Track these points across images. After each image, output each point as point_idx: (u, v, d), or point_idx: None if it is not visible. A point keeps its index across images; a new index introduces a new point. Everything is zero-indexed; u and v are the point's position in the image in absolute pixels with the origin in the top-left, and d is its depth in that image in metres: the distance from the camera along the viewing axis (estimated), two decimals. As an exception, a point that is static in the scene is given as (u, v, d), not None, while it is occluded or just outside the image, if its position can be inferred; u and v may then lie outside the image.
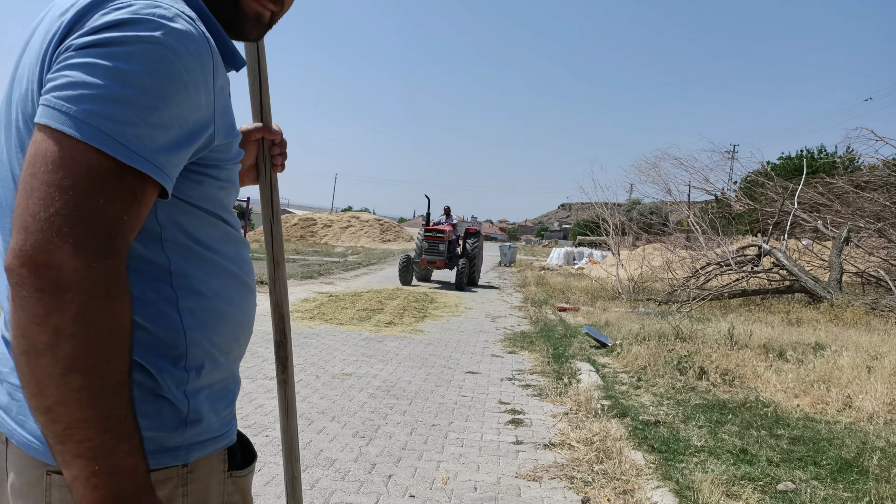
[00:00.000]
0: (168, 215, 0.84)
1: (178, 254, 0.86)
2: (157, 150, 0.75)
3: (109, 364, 0.70)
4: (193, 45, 0.78)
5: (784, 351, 6.70)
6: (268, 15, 0.97)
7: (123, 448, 0.71)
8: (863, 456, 3.75)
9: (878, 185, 13.97)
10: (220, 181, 0.90)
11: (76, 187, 0.69)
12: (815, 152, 37.28)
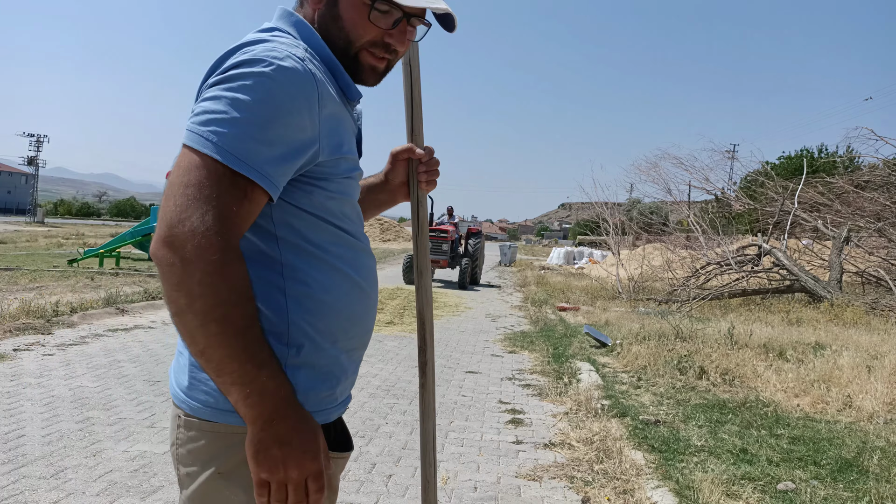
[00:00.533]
0: (282, 218, 1.04)
1: (289, 250, 1.05)
2: (263, 161, 0.95)
3: (234, 313, 0.90)
4: (297, 80, 0.97)
5: (784, 351, 6.70)
6: (382, 66, 1.15)
7: (265, 373, 0.92)
8: (863, 455, 3.75)
9: (878, 185, 13.97)
10: (329, 192, 1.07)
11: (198, 186, 0.91)
12: (815, 152, 37.27)
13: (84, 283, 11.16)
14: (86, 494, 2.92)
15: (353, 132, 1.14)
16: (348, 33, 1.10)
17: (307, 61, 1.01)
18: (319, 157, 1.03)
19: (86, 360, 5.53)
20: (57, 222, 58.89)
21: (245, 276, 0.93)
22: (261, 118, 0.94)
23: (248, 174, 0.93)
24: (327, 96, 1.03)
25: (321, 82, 1.02)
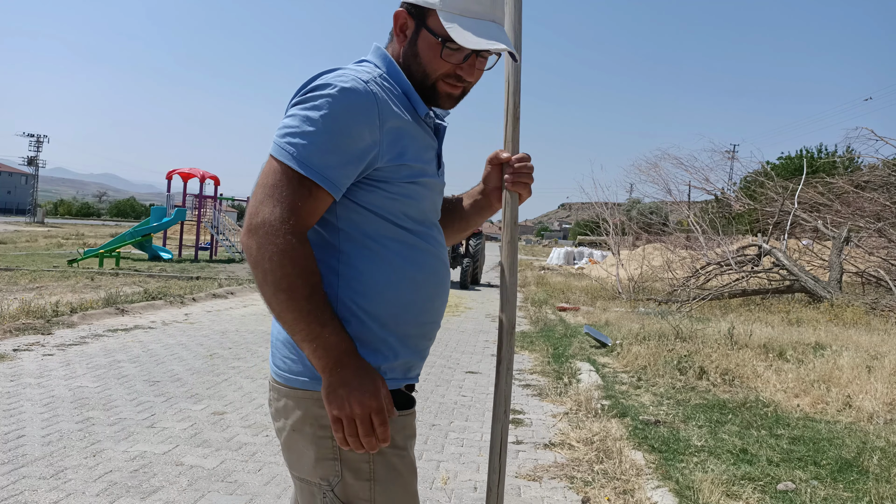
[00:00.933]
0: (344, 213, 1.24)
1: (347, 240, 1.25)
2: (325, 167, 1.16)
3: (299, 283, 1.13)
4: (358, 98, 1.19)
5: (784, 351, 6.69)
6: (457, 92, 1.33)
7: (327, 330, 1.14)
8: (863, 456, 3.75)
9: (878, 185, 13.96)
10: (390, 193, 1.25)
11: (273, 186, 1.15)
12: (815, 152, 37.25)
13: (84, 283, 11.16)
14: (86, 494, 2.92)
15: (425, 145, 1.32)
16: (425, 67, 1.29)
17: (371, 83, 1.22)
18: (378, 163, 1.22)
19: (86, 361, 5.53)
20: (57, 222, 58.89)
21: (308, 255, 1.15)
22: (325, 131, 1.16)
23: (313, 177, 1.15)
24: (389, 112, 1.23)
25: (382, 100, 1.22)
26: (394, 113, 1.24)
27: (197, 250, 19.65)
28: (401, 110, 1.26)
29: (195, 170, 20.76)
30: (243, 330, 7.60)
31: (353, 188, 1.23)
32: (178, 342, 6.62)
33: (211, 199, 20.86)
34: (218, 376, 5.28)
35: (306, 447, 1.25)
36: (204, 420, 4.12)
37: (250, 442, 3.78)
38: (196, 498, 2.97)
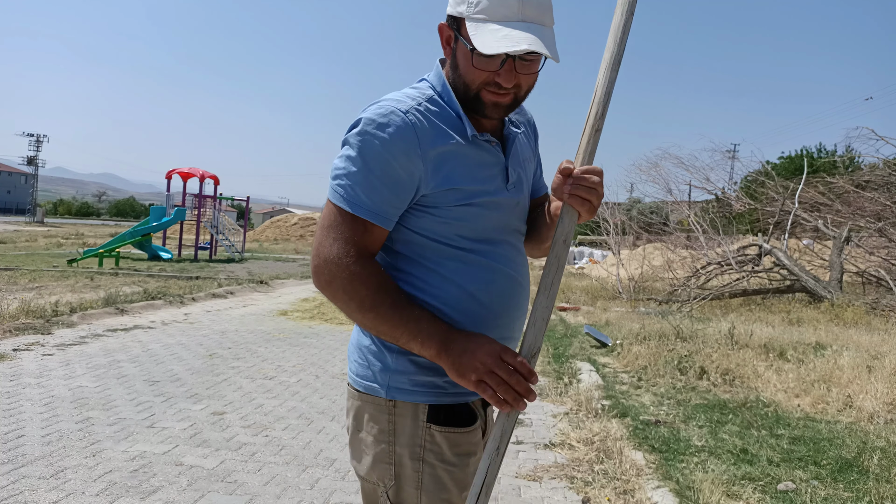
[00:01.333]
0: (399, 237, 1.30)
1: (404, 261, 1.31)
2: (372, 203, 1.23)
3: (378, 299, 1.21)
4: (396, 133, 1.22)
5: (784, 351, 6.69)
6: (506, 100, 1.27)
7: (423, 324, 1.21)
8: (863, 456, 3.74)
9: (878, 185, 13.95)
10: (440, 218, 1.28)
11: (330, 226, 1.25)
12: (815, 152, 37.25)
13: (83, 283, 11.15)
14: (85, 494, 2.92)
15: (481, 163, 1.30)
16: (464, 78, 1.27)
17: (412, 112, 1.25)
18: (424, 190, 1.25)
19: (85, 360, 5.53)
20: (56, 222, 58.90)
21: (375, 272, 1.23)
22: (368, 170, 1.22)
23: (363, 216, 1.23)
24: (431, 139, 1.25)
25: (423, 129, 1.24)
26: (437, 139, 1.26)
27: (196, 250, 19.65)
28: (448, 134, 1.27)
29: (195, 169, 20.75)
30: (243, 330, 7.60)
31: (405, 214, 1.28)
32: (177, 342, 6.62)
33: (210, 199, 20.85)
34: (217, 376, 5.28)
35: (367, 448, 1.31)
36: (203, 420, 4.12)
37: (250, 442, 3.77)
38: (196, 498, 2.97)
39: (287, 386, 5.11)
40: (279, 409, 4.47)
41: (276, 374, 5.50)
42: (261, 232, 42.17)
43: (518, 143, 1.39)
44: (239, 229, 22.62)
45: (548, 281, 1.26)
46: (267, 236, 40.82)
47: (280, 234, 41.31)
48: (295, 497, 3.06)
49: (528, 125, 1.49)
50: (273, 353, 6.32)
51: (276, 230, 41.90)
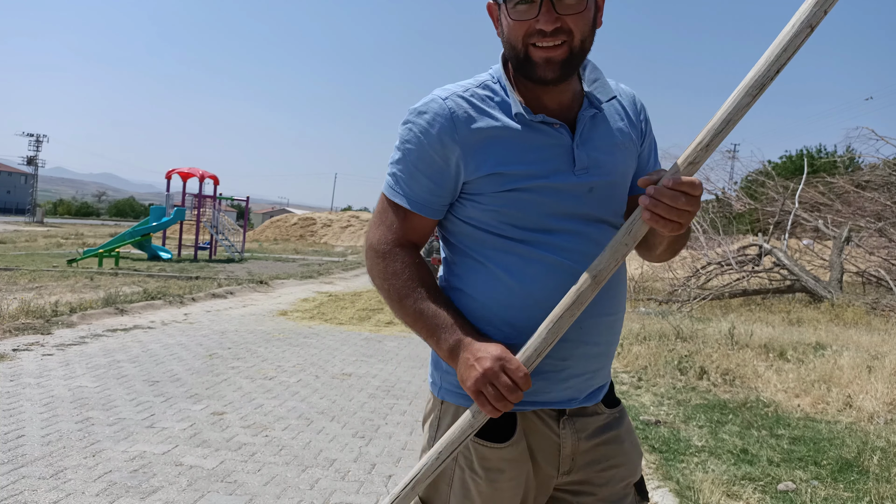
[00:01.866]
0: (450, 227, 1.31)
1: (454, 251, 1.31)
2: (412, 192, 1.25)
3: (405, 292, 1.23)
4: (432, 121, 1.22)
5: (785, 351, 6.69)
6: (556, 54, 1.16)
7: (440, 332, 1.20)
8: (863, 456, 3.74)
9: (878, 185, 13.95)
10: (483, 205, 1.23)
11: (379, 213, 1.30)
12: (815, 152, 37.26)
13: (83, 283, 11.15)
14: (85, 494, 2.92)
15: (532, 146, 1.21)
16: (510, 40, 1.20)
17: (452, 98, 1.23)
18: (465, 177, 1.23)
19: (85, 361, 5.52)
20: (56, 222, 58.90)
21: (412, 265, 1.25)
22: (407, 159, 1.25)
23: (402, 203, 1.25)
24: (469, 123, 1.21)
25: (461, 113, 1.21)
26: (479, 123, 1.21)
27: (196, 250, 19.64)
28: (493, 117, 1.22)
29: (194, 169, 20.75)
30: (242, 330, 7.60)
31: (454, 204, 1.28)
32: (177, 342, 6.62)
33: (210, 199, 20.86)
34: (217, 376, 5.28)
35: (426, 443, 1.35)
36: (203, 420, 4.11)
37: (250, 442, 3.77)
38: (195, 498, 2.96)
39: (287, 386, 5.11)
40: (279, 409, 4.47)
41: (275, 374, 5.49)
42: (260, 232, 42.17)
43: (598, 124, 1.26)
44: (238, 229, 22.62)
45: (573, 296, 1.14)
46: (267, 236, 40.83)
47: (280, 234, 41.32)
48: (295, 497, 3.05)
49: (626, 104, 1.34)
50: (273, 354, 6.32)
51: (276, 230, 41.90)
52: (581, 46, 1.18)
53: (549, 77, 1.18)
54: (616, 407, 1.38)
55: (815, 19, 1.05)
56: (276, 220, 43.72)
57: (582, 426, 1.30)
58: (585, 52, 1.21)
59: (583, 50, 1.19)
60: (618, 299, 1.30)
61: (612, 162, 1.26)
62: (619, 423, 1.36)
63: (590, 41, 1.20)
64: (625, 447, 1.35)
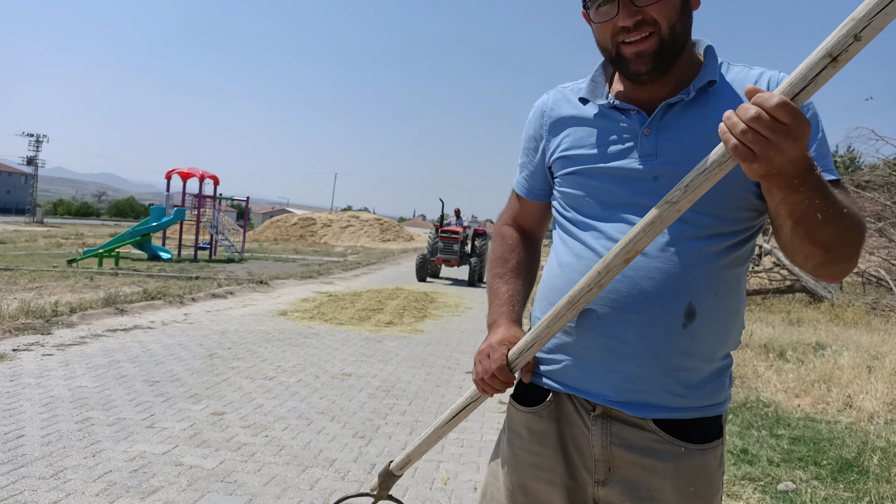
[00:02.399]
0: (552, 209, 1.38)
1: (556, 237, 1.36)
2: (520, 177, 1.43)
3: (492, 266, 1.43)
4: (534, 111, 1.38)
5: (784, 351, 6.69)
6: (645, 47, 1.13)
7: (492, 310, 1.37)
8: (863, 456, 3.74)
9: (878, 185, 13.96)
10: (558, 189, 1.31)
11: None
12: (815, 152, 37.22)
13: (83, 283, 11.15)
14: (85, 495, 2.92)
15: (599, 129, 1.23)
16: (600, 42, 1.22)
17: (553, 91, 1.36)
18: (547, 161, 1.34)
19: (85, 361, 5.52)
20: (56, 222, 58.89)
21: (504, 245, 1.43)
22: (521, 149, 1.41)
23: (514, 187, 1.46)
24: (556, 110, 1.32)
25: (553, 101, 1.33)
26: (561, 110, 1.31)
27: (196, 250, 19.64)
28: (575, 104, 1.29)
29: (194, 169, 20.75)
30: (242, 330, 7.60)
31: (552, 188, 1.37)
32: (177, 342, 6.62)
33: (210, 199, 20.86)
34: (217, 376, 5.28)
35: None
36: (203, 420, 4.11)
37: (250, 442, 3.77)
38: (195, 498, 2.96)
39: (287, 386, 5.11)
40: (279, 409, 4.47)
41: (275, 374, 5.49)
42: (260, 232, 42.17)
43: (688, 110, 1.16)
44: (238, 229, 22.62)
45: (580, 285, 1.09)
46: (267, 236, 40.82)
47: (280, 234, 41.31)
48: (295, 497, 3.05)
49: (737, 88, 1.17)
50: (273, 354, 6.32)
51: (276, 230, 41.90)
52: (672, 34, 1.13)
53: (642, 70, 1.15)
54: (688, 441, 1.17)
55: None
56: (276, 220, 43.72)
57: (619, 432, 1.19)
58: (679, 39, 1.14)
59: (674, 37, 1.13)
60: (657, 297, 1.13)
61: (691, 150, 1.12)
62: (679, 460, 1.16)
63: (682, 26, 1.14)
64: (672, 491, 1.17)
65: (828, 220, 0.96)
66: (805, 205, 0.95)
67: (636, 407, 1.17)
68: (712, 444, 1.19)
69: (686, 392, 1.16)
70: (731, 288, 1.17)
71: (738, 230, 1.16)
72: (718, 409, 1.20)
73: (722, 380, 1.20)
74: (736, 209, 1.14)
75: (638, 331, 1.14)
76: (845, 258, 1.02)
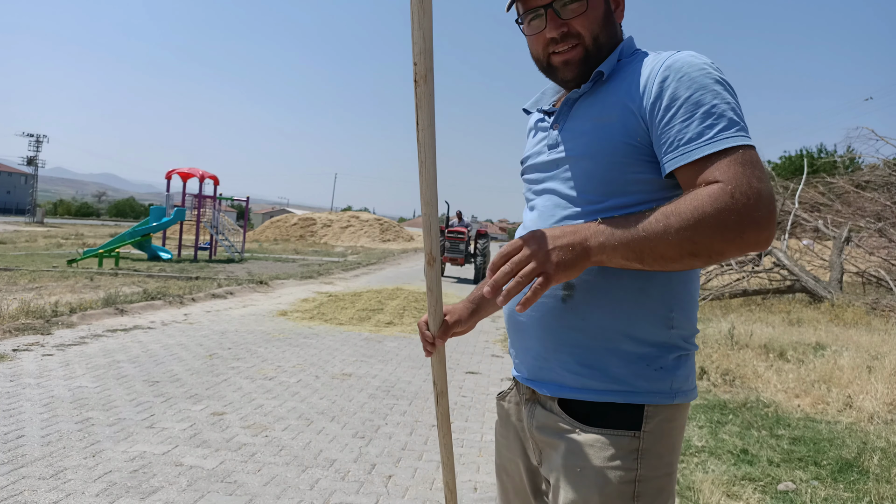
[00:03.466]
0: None
1: None
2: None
3: None
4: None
5: (785, 351, 6.69)
6: (572, 55, 1.22)
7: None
8: (863, 456, 3.74)
9: (878, 185, 13.96)
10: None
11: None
12: (815, 152, 37.27)
13: (83, 283, 11.15)
14: (85, 495, 2.91)
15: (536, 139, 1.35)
16: (534, 54, 1.30)
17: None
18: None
19: (85, 361, 5.52)
20: (56, 222, 58.88)
21: None
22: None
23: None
24: (528, 124, 1.42)
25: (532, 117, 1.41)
26: (530, 119, 1.42)
27: (196, 250, 19.64)
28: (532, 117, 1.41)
29: (194, 169, 20.76)
30: (242, 330, 7.60)
31: None
32: (177, 342, 6.61)
33: (210, 199, 20.86)
34: (217, 377, 5.27)
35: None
36: (203, 420, 4.11)
37: (250, 442, 3.77)
38: (195, 498, 2.96)
39: (287, 386, 5.11)
40: (279, 409, 4.47)
41: (275, 374, 5.49)
42: (260, 232, 42.18)
43: (584, 103, 1.23)
44: (238, 229, 22.62)
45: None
46: (267, 236, 40.83)
47: (280, 234, 41.32)
48: (295, 497, 3.05)
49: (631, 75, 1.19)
50: (273, 354, 6.32)
51: (276, 230, 41.90)
52: (595, 44, 1.23)
53: (569, 77, 1.25)
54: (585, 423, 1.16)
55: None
56: (276, 221, 43.73)
57: (537, 415, 1.24)
58: (602, 49, 1.24)
59: (598, 46, 1.23)
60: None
61: (581, 133, 1.21)
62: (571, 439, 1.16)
63: (605, 36, 1.23)
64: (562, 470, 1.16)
65: (654, 249, 1.01)
66: (623, 258, 1.04)
67: (544, 385, 1.22)
68: (614, 431, 1.13)
69: (584, 371, 1.16)
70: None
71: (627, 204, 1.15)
72: (637, 398, 1.14)
73: (644, 367, 1.14)
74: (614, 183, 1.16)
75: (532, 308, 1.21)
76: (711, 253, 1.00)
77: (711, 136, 1.05)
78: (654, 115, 1.11)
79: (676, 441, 1.18)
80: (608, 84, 1.22)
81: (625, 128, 1.14)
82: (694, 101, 1.07)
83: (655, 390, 1.15)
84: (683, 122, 1.07)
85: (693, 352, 1.22)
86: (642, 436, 1.13)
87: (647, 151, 1.14)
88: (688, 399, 1.19)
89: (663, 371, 1.15)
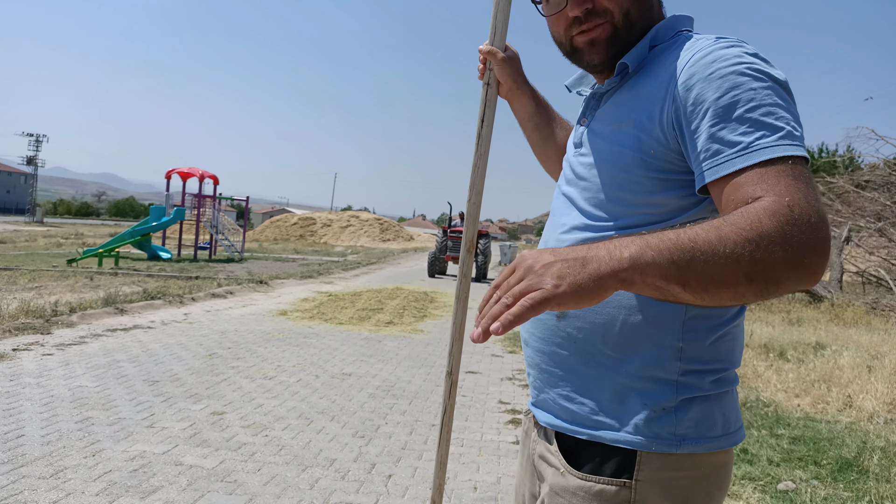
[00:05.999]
0: None
1: None
2: None
3: None
4: None
5: (784, 350, 6.69)
6: (596, 34, 1.06)
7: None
8: (863, 455, 3.74)
9: (878, 185, 13.96)
10: None
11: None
12: (815, 151, 37.27)
13: (83, 282, 11.15)
14: (85, 494, 2.91)
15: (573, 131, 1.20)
16: (555, 38, 1.15)
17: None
18: None
19: (85, 360, 5.52)
20: (56, 222, 58.88)
21: None
22: None
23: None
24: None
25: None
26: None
27: (196, 250, 19.64)
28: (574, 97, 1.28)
29: (194, 169, 20.75)
30: (242, 330, 7.60)
31: None
32: (177, 342, 6.61)
33: (210, 199, 20.85)
34: (217, 376, 5.27)
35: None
36: (203, 420, 4.11)
37: (249, 442, 3.77)
38: (195, 498, 2.96)
39: (287, 386, 5.11)
40: (279, 408, 4.47)
41: (275, 374, 5.49)
42: (260, 232, 42.17)
43: (614, 97, 1.09)
44: (238, 229, 22.62)
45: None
46: (266, 236, 40.82)
47: (280, 233, 41.31)
48: (295, 497, 3.05)
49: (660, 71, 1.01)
50: (273, 353, 6.32)
51: (276, 230, 41.90)
52: (626, 19, 1.05)
53: (596, 60, 1.08)
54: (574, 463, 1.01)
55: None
56: (276, 220, 43.72)
57: (537, 439, 1.13)
58: (634, 27, 1.06)
59: (629, 23, 1.05)
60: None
61: (599, 142, 1.07)
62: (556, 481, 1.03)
63: (638, 10, 1.06)
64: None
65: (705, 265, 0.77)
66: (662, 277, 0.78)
67: (542, 411, 1.11)
68: (601, 478, 0.97)
69: (574, 397, 1.03)
70: None
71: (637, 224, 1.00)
72: (622, 437, 0.97)
73: (639, 405, 0.97)
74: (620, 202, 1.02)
75: (546, 334, 1.08)
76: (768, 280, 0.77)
77: (747, 144, 0.86)
78: (679, 121, 0.94)
79: (693, 498, 0.96)
80: (635, 78, 1.06)
81: (639, 136, 0.99)
82: (725, 103, 0.88)
83: (652, 434, 0.96)
84: (714, 129, 0.89)
85: (716, 394, 0.99)
86: (635, 485, 0.95)
87: (660, 167, 0.97)
88: (703, 448, 0.95)
89: (665, 412, 0.96)
